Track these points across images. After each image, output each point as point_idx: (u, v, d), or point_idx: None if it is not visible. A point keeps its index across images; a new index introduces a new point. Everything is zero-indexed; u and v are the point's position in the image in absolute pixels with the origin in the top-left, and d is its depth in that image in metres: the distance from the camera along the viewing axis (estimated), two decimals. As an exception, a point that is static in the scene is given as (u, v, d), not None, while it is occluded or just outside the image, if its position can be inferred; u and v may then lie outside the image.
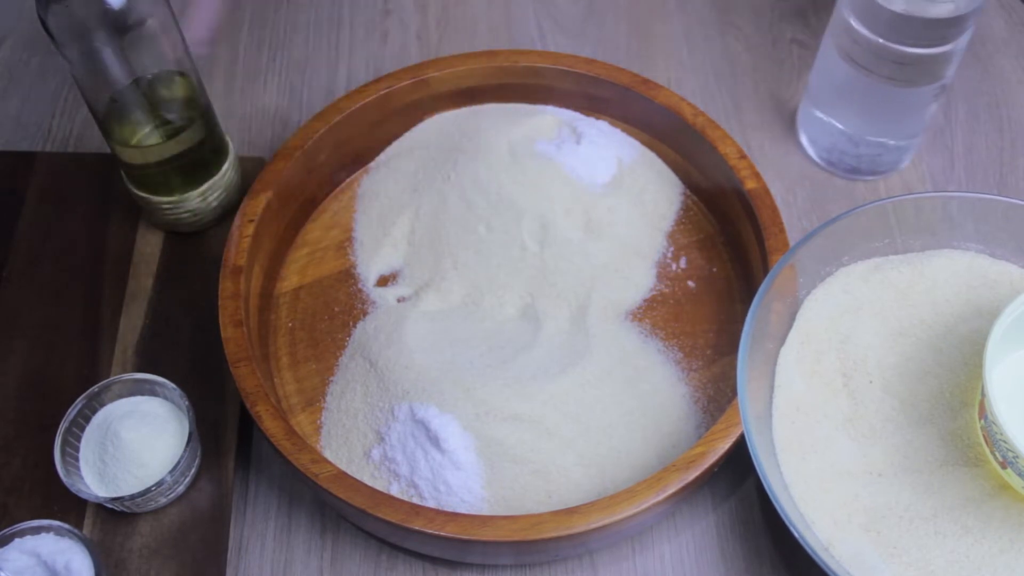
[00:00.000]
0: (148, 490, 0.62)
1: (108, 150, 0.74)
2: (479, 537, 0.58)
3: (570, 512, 0.58)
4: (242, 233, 0.70)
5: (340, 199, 0.79)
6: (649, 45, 0.91)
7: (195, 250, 0.77)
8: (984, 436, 0.60)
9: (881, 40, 0.70)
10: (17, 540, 0.59)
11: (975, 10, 0.68)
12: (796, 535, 0.56)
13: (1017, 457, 0.57)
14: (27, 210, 0.78)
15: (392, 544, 0.65)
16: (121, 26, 0.64)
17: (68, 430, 0.64)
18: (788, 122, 0.86)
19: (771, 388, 0.64)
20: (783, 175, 0.82)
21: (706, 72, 0.89)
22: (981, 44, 0.91)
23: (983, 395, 0.58)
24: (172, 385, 0.66)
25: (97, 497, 0.62)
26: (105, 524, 0.65)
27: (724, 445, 0.60)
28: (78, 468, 0.64)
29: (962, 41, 0.70)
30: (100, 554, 0.60)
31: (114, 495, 0.63)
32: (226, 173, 0.76)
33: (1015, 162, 0.84)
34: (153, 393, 0.67)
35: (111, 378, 0.67)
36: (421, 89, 0.79)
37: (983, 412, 0.59)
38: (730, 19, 0.93)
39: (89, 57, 0.66)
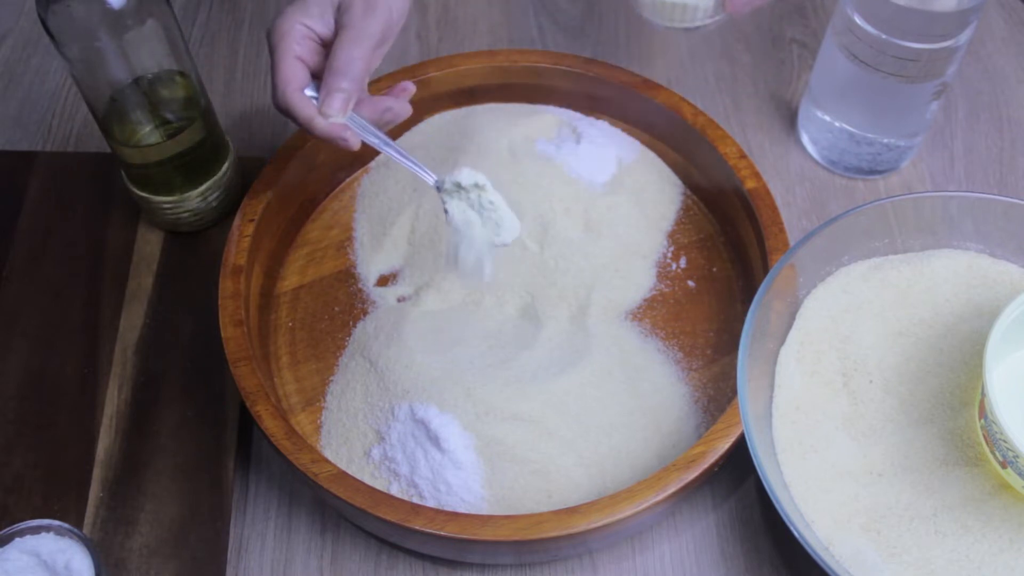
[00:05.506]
0: None
1: (108, 150, 0.74)
2: (479, 537, 0.58)
3: (570, 512, 0.58)
4: (242, 233, 0.70)
5: (340, 199, 0.79)
6: (649, 45, 0.91)
7: (195, 250, 0.77)
8: (984, 436, 0.60)
9: (884, 35, 0.70)
10: (17, 540, 0.59)
11: (978, 5, 0.68)
12: (796, 535, 0.56)
13: (1017, 457, 0.57)
14: (27, 210, 0.79)
15: (392, 544, 0.65)
16: (121, 26, 0.64)
17: None
18: (788, 122, 0.86)
19: (771, 388, 0.64)
20: (783, 175, 0.82)
21: (706, 72, 0.89)
22: (981, 44, 0.91)
23: (983, 395, 0.58)
24: None
25: None
26: (105, 524, 0.65)
27: (724, 445, 0.60)
28: None
29: (964, 37, 0.70)
30: (100, 554, 0.60)
31: None
32: (226, 173, 0.76)
33: (1015, 162, 0.84)
34: None
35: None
36: (421, 89, 0.78)
37: (983, 412, 0.59)
38: (730, 19, 0.93)
39: (89, 57, 0.66)
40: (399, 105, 0.65)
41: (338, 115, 0.61)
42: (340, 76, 0.61)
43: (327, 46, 0.63)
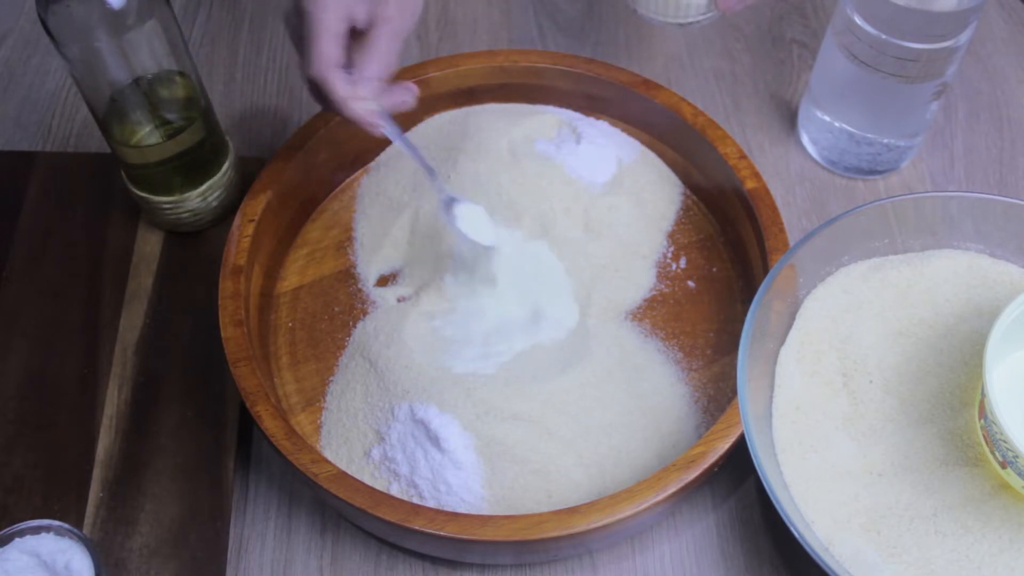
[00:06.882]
0: None
1: (108, 150, 0.74)
2: (479, 537, 0.58)
3: (570, 512, 0.58)
4: (242, 233, 0.70)
5: (340, 199, 0.79)
6: (649, 45, 0.91)
7: (195, 250, 0.77)
8: (984, 436, 0.60)
9: (884, 36, 0.70)
10: (17, 540, 0.59)
11: (978, 6, 0.68)
12: (796, 535, 0.56)
13: (1017, 457, 0.57)
14: (27, 210, 0.78)
15: (392, 544, 0.65)
16: (121, 26, 0.64)
17: None
18: (788, 122, 0.86)
19: (771, 388, 0.64)
20: (783, 175, 0.82)
21: (706, 72, 0.89)
22: (981, 44, 0.91)
23: (983, 395, 0.58)
24: None
25: None
26: (105, 524, 0.65)
27: (724, 445, 0.60)
28: None
29: (964, 37, 0.70)
30: (100, 554, 0.60)
31: None
32: (226, 173, 0.76)
33: (1015, 162, 0.84)
34: None
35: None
36: (421, 89, 0.78)
37: (983, 412, 0.59)
38: (730, 19, 0.93)
39: (89, 57, 0.66)
40: (409, 96, 0.67)
41: (371, 101, 0.62)
42: (379, 65, 0.62)
43: (353, 35, 0.63)
